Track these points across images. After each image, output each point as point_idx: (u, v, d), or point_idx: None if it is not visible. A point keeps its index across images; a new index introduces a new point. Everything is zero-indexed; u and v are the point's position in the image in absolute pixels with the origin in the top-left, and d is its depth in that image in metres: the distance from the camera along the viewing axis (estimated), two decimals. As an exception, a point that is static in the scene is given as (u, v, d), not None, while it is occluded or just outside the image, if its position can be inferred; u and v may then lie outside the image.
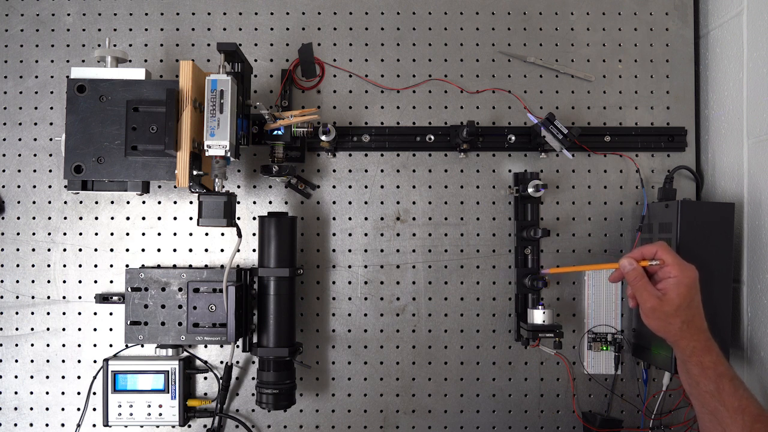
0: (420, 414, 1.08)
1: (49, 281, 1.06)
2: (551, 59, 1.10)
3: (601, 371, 1.07)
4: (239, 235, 0.92)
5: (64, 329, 1.06)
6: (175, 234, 1.07)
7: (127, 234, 1.07)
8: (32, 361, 1.06)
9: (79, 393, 1.06)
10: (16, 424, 1.05)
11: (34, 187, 1.07)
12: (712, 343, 0.80)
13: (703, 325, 0.80)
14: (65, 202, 1.07)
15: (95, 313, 1.06)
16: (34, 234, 1.07)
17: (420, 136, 1.08)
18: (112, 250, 1.07)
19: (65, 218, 1.07)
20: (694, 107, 1.11)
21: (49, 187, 1.07)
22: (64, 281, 1.06)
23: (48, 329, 1.06)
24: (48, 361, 1.06)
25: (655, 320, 0.81)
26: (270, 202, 1.08)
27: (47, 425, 1.05)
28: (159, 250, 1.07)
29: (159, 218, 1.07)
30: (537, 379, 1.08)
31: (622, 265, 0.85)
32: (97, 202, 1.07)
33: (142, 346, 1.05)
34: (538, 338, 1.01)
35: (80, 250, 1.06)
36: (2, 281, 1.06)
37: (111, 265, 1.06)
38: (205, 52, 1.08)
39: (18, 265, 1.06)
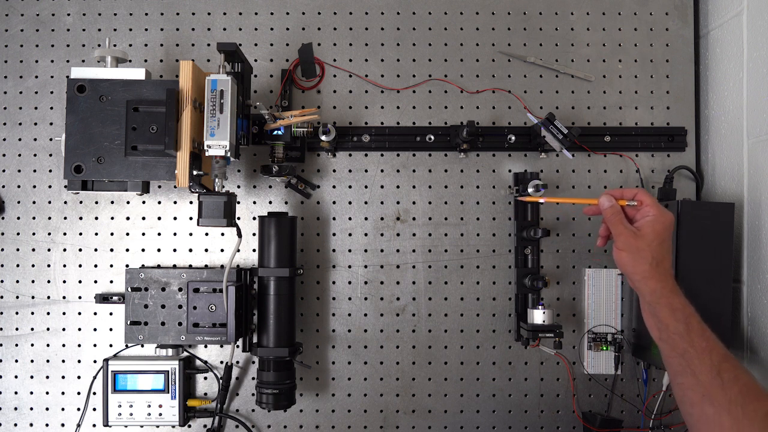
0: (420, 414, 1.08)
1: (49, 281, 1.06)
2: (551, 59, 1.10)
3: (601, 371, 1.07)
4: (239, 235, 0.92)
5: (64, 329, 1.06)
6: (175, 234, 1.07)
7: (127, 234, 1.07)
8: (32, 361, 1.06)
9: (79, 393, 1.06)
10: (16, 424, 1.05)
11: (34, 187, 1.07)
12: (678, 287, 0.82)
13: (671, 270, 0.82)
14: (65, 202, 1.07)
15: (95, 313, 1.06)
16: (34, 234, 1.07)
17: (420, 136, 1.08)
18: (112, 250, 1.07)
19: (65, 218, 1.07)
20: (694, 107, 1.11)
21: (49, 187, 1.07)
22: (64, 281, 1.06)
23: (48, 329, 1.06)
24: (48, 361, 1.06)
25: (627, 253, 0.82)
26: (270, 202, 1.08)
27: (47, 425, 1.05)
28: (159, 250, 1.07)
29: (159, 218, 1.07)
30: (537, 379, 1.08)
31: (601, 201, 0.87)
32: (97, 202, 1.07)
33: (142, 346, 1.05)
34: (538, 338, 1.01)
35: (80, 250, 1.07)
36: (2, 281, 1.06)
37: (111, 265, 1.06)
38: (205, 52, 1.08)
39: (18, 265, 1.06)
